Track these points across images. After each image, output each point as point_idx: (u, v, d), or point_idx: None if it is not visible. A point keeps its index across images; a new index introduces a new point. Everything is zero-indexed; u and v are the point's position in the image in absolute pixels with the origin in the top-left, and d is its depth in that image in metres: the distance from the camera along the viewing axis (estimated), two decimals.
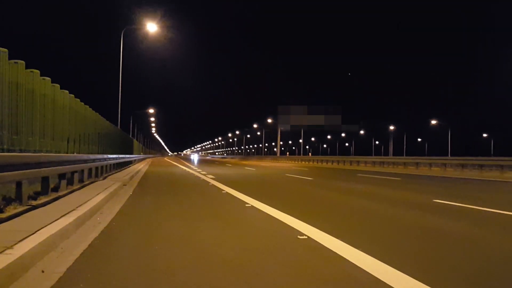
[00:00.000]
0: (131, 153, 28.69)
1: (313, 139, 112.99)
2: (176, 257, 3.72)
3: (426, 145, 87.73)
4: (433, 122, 52.87)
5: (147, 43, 26.06)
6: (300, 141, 73.62)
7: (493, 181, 15.96)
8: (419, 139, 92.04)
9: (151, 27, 21.91)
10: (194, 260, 3.62)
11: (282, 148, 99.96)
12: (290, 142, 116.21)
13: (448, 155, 46.53)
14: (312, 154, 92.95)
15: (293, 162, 49.51)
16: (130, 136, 38.62)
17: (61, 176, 7.71)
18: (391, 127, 66.51)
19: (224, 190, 10.23)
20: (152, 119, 68.96)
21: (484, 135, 76.81)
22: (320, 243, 4.27)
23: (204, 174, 17.96)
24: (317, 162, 43.83)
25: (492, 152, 65.36)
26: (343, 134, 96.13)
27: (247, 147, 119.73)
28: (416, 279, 3.07)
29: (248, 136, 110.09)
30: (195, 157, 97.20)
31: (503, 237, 4.98)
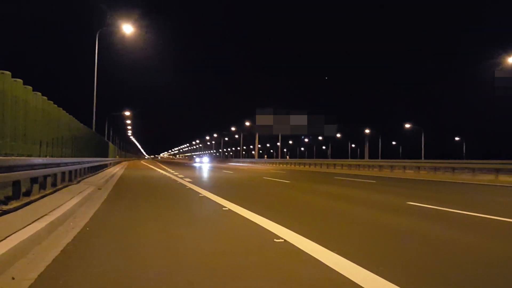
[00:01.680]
0: (106, 156, 28.21)
1: (290, 142, 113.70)
2: (151, 262, 3.68)
3: (401, 148, 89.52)
4: (407, 125, 54.04)
5: (122, 45, 25.71)
6: (278, 144, 73.92)
7: (464, 183, 16.41)
8: (393, 143, 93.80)
9: (127, 28, 21.60)
10: (170, 265, 3.59)
11: (260, 151, 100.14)
12: (268, 145, 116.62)
13: (421, 158, 47.56)
14: (290, 157, 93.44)
15: (271, 165, 49.69)
16: (106, 139, 37.96)
17: (33, 180, 7.51)
18: (367, 131, 67.59)
19: (201, 194, 10.18)
20: (129, 121, 68.00)
21: (457, 138, 78.87)
22: (296, 246, 4.30)
23: (181, 178, 17.82)
24: (295, 165, 44.14)
25: (464, 155, 67.19)
26: (320, 137, 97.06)
27: (225, 150, 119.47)
28: (391, 281, 3.13)
29: (226, 139, 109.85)
30: (203, 163, 66.28)
31: (472, 238, 5.13)
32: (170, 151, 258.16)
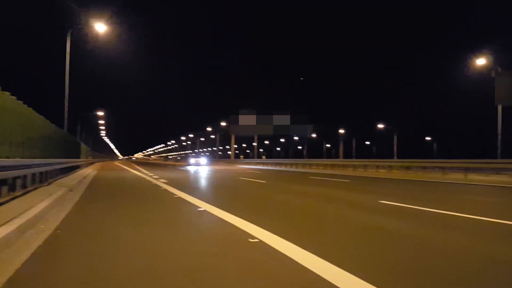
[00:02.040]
0: (79, 157, 27.64)
1: (267, 142, 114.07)
2: (125, 265, 3.65)
3: (374, 148, 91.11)
4: (380, 126, 55.10)
5: (96, 43, 25.19)
6: (254, 144, 74.00)
7: (435, 182, 16.87)
8: (367, 142, 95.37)
9: (100, 27, 21.21)
10: (145, 267, 3.57)
11: (237, 152, 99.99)
12: (244, 145, 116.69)
13: (394, 158, 48.59)
14: (266, 157, 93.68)
15: (247, 165, 49.74)
16: (78, 139, 37.16)
17: (2, 182, 7.31)
18: (342, 131, 68.52)
19: (176, 195, 10.12)
20: (102, 122, 66.68)
21: (428, 138, 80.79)
22: (270, 246, 4.34)
23: (156, 178, 17.64)
24: (271, 165, 44.33)
25: (435, 155, 68.95)
26: (296, 138, 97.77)
27: (201, 150, 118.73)
28: (363, 279, 3.19)
29: (203, 139, 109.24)
30: (200, 165, 46.10)
31: (441, 235, 5.30)
32: (144, 151, 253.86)
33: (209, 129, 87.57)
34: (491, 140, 23.53)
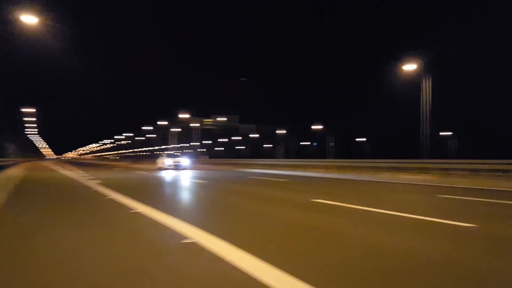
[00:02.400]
0: (3, 157, 25.84)
1: (209, 141, 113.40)
2: (49, 269, 3.53)
3: (313, 148, 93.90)
4: (317, 127, 57.06)
5: (25, 37, 23.57)
6: (192, 143, 73.31)
7: (366, 180, 17.74)
8: (307, 143, 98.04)
9: (29, 18, 19.81)
10: (70, 271, 3.48)
11: (179, 152, 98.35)
12: (184, 144, 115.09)
13: (330, 158, 50.51)
14: (210, 157, 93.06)
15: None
16: (3, 138, 34.67)
17: None
18: (283, 131, 69.97)
19: (108, 196, 9.80)
20: (31, 119, 62.56)
21: (363, 139, 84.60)
22: (203, 246, 4.38)
23: (90, 179, 16.95)
24: (212, 165, 44.17)
25: (369, 155, 72.36)
26: (239, 137, 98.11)
27: (140, 149, 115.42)
28: (292, 275, 3.31)
29: (143, 138, 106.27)
30: (181, 167, 31.25)
31: (368, 231, 5.62)
32: (77, 150, 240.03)
33: (149, 128, 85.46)
34: (418, 141, 25.12)
